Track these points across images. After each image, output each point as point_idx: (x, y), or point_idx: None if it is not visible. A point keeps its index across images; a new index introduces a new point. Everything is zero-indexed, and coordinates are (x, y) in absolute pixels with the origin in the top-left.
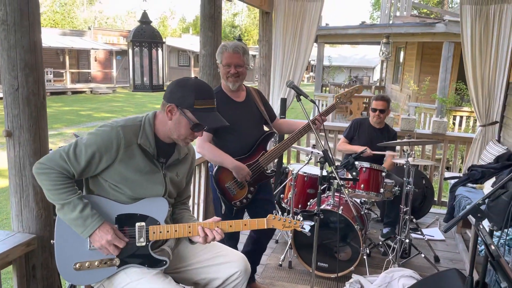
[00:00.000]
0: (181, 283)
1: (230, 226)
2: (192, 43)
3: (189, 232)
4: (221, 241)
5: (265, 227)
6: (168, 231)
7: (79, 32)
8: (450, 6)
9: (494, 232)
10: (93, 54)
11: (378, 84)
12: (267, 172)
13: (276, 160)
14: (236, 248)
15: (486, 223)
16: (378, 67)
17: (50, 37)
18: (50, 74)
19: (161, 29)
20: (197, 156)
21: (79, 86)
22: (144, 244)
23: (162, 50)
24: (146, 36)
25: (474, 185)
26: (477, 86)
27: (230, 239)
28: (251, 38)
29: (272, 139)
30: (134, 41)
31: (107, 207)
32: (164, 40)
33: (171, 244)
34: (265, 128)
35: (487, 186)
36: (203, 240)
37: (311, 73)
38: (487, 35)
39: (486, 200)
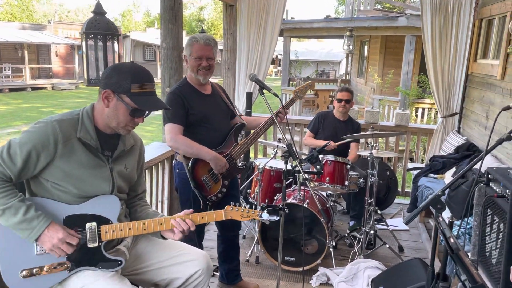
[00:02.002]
0: (141, 285)
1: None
2: (158, 37)
3: (144, 230)
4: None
5: (223, 219)
6: (121, 230)
7: (38, 26)
8: (412, 0)
9: (455, 222)
10: (54, 48)
11: (344, 77)
12: (239, 165)
13: (241, 156)
14: (201, 246)
15: (447, 213)
16: (344, 61)
17: (7, 31)
18: (8, 70)
19: (124, 22)
20: (166, 149)
21: (39, 82)
22: (96, 245)
23: (118, 43)
24: (100, 28)
25: (436, 175)
26: (438, 79)
27: (192, 240)
28: (217, 32)
29: (240, 134)
30: (88, 33)
31: (53, 209)
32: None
33: (128, 244)
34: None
35: (448, 176)
36: (179, 233)
37: (279, 67)
38: (446, 28)
39: (447, 191)
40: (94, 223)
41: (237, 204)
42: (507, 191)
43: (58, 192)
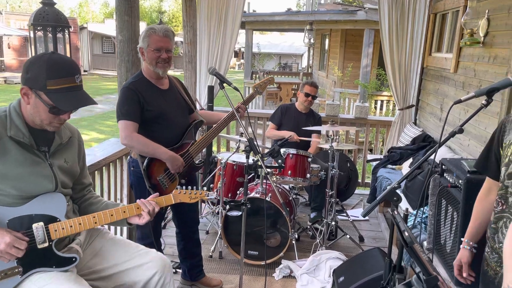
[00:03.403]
0: None
1: (137, 208)
2: None
3: (95, 223)
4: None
5: (173, 202)
6: (71, 226)
7: None
8: None
9: (412, 211)
10: (6, 40)
11: (306, 70)
12: (196, 163)
13: (204, 150)
14: (159, 243)
15: (405, 204)
16: (306, 54)
17: None
18: None
19: (81, 13)
20: (114, 150)
21: None
22: (47, 245)
23: (69, 34)
24: (49, 20)
25: (394, 166)
26: (395, 72)
27: (148, 238)
28: (179, 24)
29: (201, 128)
30: (36, 24)
31: None
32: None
33: (80, 242)
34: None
35: (405, 167)
36: (146, 215)
37: (242, 60)
38: (403, 22)
39: (403, 182)
40: (41, 223)
41: (184, 187)
42: (460, 181)
43: None
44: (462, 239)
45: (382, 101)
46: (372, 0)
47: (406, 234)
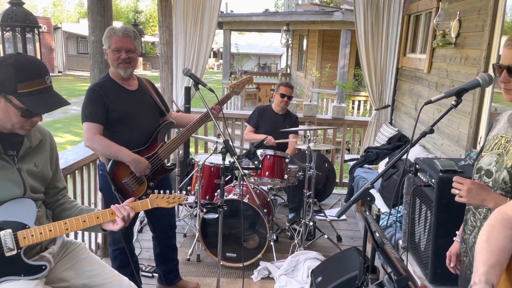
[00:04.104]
0: None
1: (112, 213)
2: None
3: (66, 229)
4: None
5: (150, 207)
6: (41, 233)
7: None
8: None
9: (388, 210)
10: None
11: (284, 71)
12: (167, 165)
13: (181, 152)
14: (131, 246)
15: (381, 203)
16: (285, 54)
17: None
18: None
19: (55, 13)
20: (87, 153)
21: None
22: (15, 252)
23: (38, 35)
24: (18, 20)
25: (370, 166)
26: (371, 72)
27: (120, 243)
28: (156, 24)
29: (177, 130)
30: (4, 25)
31: None
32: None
33: (53, 251)
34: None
35: (382, 166)
36: (120, 221)
37: (221, 61)
38: (378, 23)
39: (380, 181)
40: (9, 230)
41: (161, 191)
42: (433, 180)
43: None
44: (456, 232)
45: (359, 101)
46: (348, 1)
47: (377, 235)
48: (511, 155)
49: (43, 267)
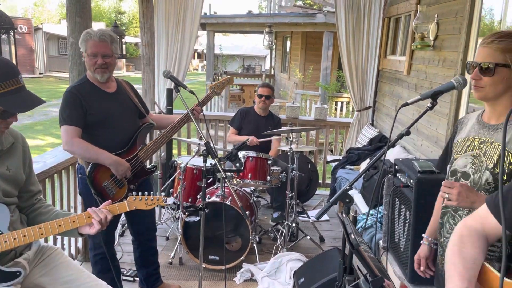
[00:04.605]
0: None
1: (88, 217)
2: None
3: (41, 234)
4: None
5: (128, 210)
6: (15, 238)
7: None
8: None
9: (370, 211)
10: None
11: (268, 72)
12: (148, 167)
13: (163, 154)
14: (112, 251)
15: (362, 203)
16: (269, 56)
17: None
18: None
19: (36, 13)
20: (66, 156)
21: None
22: None
23: (14, 36)
24: None
25: (352, 167)
26: (352, 74)
27: (101, 247)
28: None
29: (158, 132)
30: None
31: None
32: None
33: (28, 257)
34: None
35: (363, 167)
36: (97, 223)
37: (205, 62)
38: (359, 25)
39: (361, 181)
40: None
41: (140, 193)
42: (411, 181)
43: None
44: (423, 235)
45: (342, 102)
46: (331, 4)
47: (353, 237)
48: (489, 156)
49: (18, 273)
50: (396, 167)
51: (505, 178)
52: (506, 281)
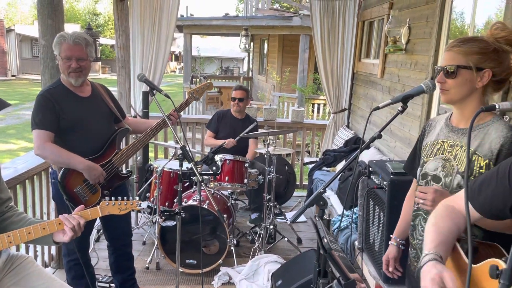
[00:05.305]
0: None
1: (59, 223)
2: None
3: (10, 242)
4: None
5: (100, 215)
6: None
7: None
8: (307, 0)
9: (345, 211)
10: None
11: (246, 75)
12: (122, 172)
13: (139, 158)
14: (87, 257)
15: (338, 205)
16: (247, 58)
17: None
18: None
19: (8, 14)
20: (38, 161)
21: None
22: None
23: None
24: None
25: (328, 169)
26: (328, 77)
27: (75, 253)
28: None
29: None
30: None
31: None
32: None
33: None
34: None
35: (339, 169)
36: (69, 230)
37: (183, 64)
38: (333, 29)
39: (337, 183)
40: None
41: (113, 198)
42: (385, 182)
43: None
44: (391, 235)
45: (319, 104)
46: (307, 7)
47: (325, 240)
48: (459, 159)
49: None
50: (370, 168)
51: None
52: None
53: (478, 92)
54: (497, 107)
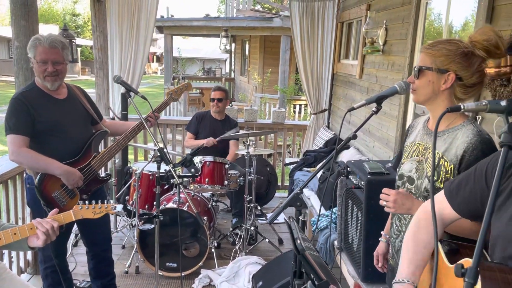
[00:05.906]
0: None
1: (31, 228)
2: None
3: None
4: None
5: (74, 219)
6: None
7: None
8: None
9: (324, 211)
10: None
11: (228, 76)
12: (101, 176)
13: (117, 160)
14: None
15: (318, 205)
16: (229, 59)
17: None
18: None
19: None
20: (12, 165)
21: None
22: None
23: None
24: None
25: (309, 169)
26: (308, 78)
27: (52, 260)
28: None
29: (112, 138)
30: None
31: None
32: None
33: None
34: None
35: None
36: (42, 234)
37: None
38: (313, 30)
39: (317, 183)
40: None
41: (86, 202)
42: (362, 182)
43: None
44: (382, 232)
45: (300, 105)
46: (288, 8)
47: (298, 242)
48: (429, 163)
49: None
50: (348, 169)
51: (441, 185)
52: (448, 266)
53: (445, 94)
54: (462, 107)
